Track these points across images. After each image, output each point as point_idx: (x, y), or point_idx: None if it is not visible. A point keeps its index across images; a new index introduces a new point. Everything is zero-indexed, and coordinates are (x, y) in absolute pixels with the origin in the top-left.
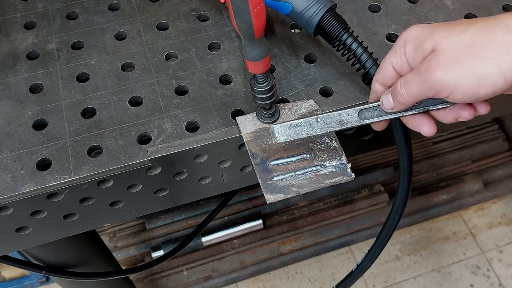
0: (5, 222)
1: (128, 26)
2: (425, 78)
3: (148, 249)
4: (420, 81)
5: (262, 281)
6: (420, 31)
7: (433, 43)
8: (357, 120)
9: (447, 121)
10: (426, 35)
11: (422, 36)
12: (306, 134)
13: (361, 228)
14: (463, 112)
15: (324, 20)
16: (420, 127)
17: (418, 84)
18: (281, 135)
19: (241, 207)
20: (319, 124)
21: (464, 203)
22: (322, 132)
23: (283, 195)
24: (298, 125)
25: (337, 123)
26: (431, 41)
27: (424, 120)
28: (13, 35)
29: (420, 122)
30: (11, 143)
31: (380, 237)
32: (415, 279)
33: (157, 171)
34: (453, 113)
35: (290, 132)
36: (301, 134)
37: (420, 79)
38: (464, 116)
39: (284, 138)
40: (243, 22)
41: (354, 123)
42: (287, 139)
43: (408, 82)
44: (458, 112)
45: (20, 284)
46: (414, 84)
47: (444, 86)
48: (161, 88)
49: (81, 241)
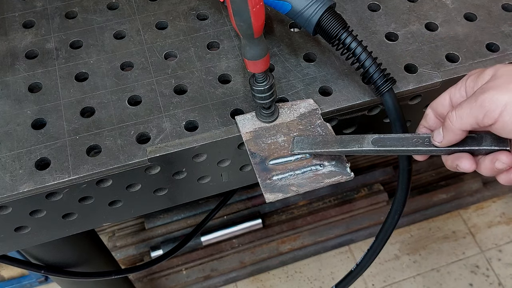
0: (4, 221)
1: (127, 25)
2: (477, 97)
3: (147, 249)
4: (472, 101)
5: (261, 281)
6: (484, 68)
7: (493, 71)
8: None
9: (500, 167)
10: (489, 68)
11: (485, 69)
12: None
13: (361, 228)
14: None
15: (323, 19)
16: (459, 161)
17: (469, 104)
18: (298, 149)
19: (240, 206)
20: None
21: (463, 202)
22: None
23: (282, 194)
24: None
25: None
26: (492, 69)
27: (464, 155)
28: (12, 34)
29: (459, 157)
30: (10, 142)
31: (380, 236)
32: (415, 279)
33: (156, 170)
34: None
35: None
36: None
37: (473, 98)
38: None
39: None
40: (242, 21)
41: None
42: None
43: (460, 105)
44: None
45: (19, 284)
46: (465, 105)
47: (495, 104)
48: (160, 87)
49: (80, 241)
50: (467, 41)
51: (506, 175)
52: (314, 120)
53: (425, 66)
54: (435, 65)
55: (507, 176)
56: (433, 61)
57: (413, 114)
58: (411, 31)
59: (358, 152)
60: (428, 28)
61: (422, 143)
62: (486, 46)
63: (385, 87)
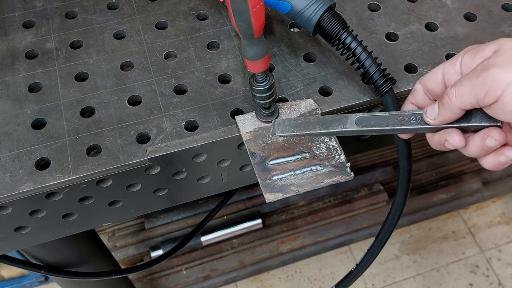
0: (4, 221)
1: (127, 25)
2: (479, 74)
3: (147, 249)
4: (474, 77)
5: (261, 281)
6: (483, 44)
7: (496, 45)
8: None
9: (491, 144)
10: (489, 42)
11: (484, 44)
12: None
13: (361, 228)
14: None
15: (323, 19)
16: (448, 136)
17: (471, 81)
18: (280, 131)
19: (240, 206)
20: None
21: (463, 202)
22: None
23: (282, 194)
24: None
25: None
26: (494, 44)
27: (453, 130)
28: (12, 34)
29: (448, 132)
30: (10, 142)
31: (380, 236)
32: (414, 278)
33: (156, 170)
34: (501, 135)
35: (289, 129)
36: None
37: (474, 75)
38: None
39: (280, 133)
40: (242, 21)
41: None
42: (285, 135)
43: (460, 82)
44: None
45: (19, 284)
46: (466, 81)
47: (498, 82)
48: (160, 87)
49: (80, 241)
50: (467, 41)
51: (494, 157)
52: None
53: (425, 66)
54: (435, 65)
55: (494, 159)
56: (433, 61)
57: None
58: (411, 31)
59: (341, 133)
60: (428, 28)
61: (409, 121)
62: None
63: (385, 87)
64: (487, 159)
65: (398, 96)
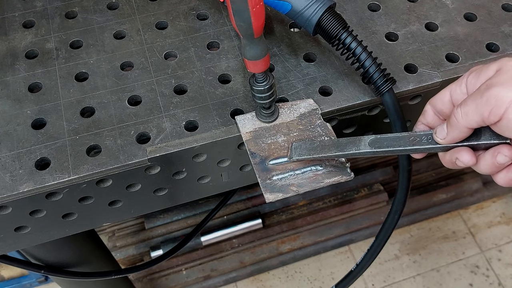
0: (4, 221)
1: (127, 25)
2: (482, 93)
3: (147, 249)
4: (478, 96)
5: (261, 281)
6: (487, 64)
7: (498, 65)
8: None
9: (502, 161)
10: (492, 62)
11: (487, 64)
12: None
13: (361, 228)
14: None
15: (323, 19)
16: (459, 154)
17: (475, 100)
18: (297, 155)
19: (240, 206)
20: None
21: (463, 202)
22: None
23: (282, 194)
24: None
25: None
26: (496, 64)
27: (463, 148)
28: (12, 34)
29: (458, 150)
30: (10, 142)
31: (380, 236)
32: (414, 279)
33: (156, 170)
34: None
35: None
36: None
37: (478, 94)
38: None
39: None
40: (242, 21)
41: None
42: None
43: (465, 102)
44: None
45: (19, 284)
46: (470, 101)
47: (500, 100)
48: (160, 87)
49: (80, 241)
50: (467, 41)
51: (506, 174)
52: (314, 120)
53: (425, 66)
54: (435, 65)
55: (506, 175)
56: (433, 61)
57: (413, 114)
58: (411, 31)
59: (355, 155)
60: (428, 28)
61: (420, 141)
62: (486, 46)
63: (385, 87)
64: (500, 175)
65: (398, 96)
